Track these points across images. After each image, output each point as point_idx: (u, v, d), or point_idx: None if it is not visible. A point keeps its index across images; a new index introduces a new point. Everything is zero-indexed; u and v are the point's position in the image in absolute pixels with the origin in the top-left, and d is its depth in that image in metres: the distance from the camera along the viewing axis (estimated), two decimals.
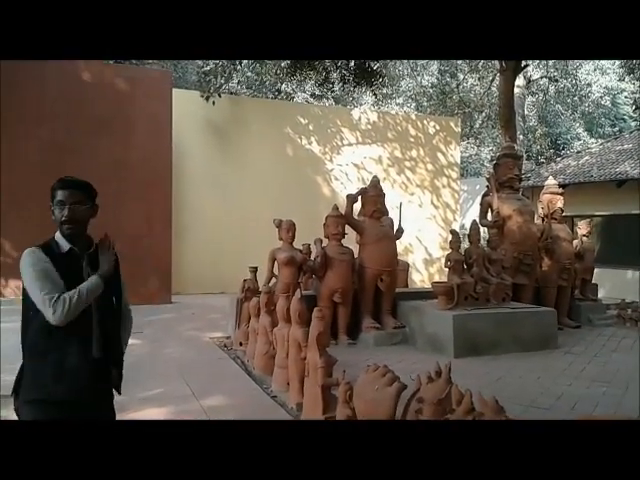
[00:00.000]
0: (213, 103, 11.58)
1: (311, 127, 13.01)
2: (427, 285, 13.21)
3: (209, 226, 11.79)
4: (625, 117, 30.47)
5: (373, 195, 7.15)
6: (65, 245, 2.23)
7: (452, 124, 14.47)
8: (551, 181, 8.84)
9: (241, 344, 6.31)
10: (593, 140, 27.49)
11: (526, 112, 21.05)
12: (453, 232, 7.19)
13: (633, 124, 30.32)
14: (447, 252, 13.67)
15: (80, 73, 9.70)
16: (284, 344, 4.72)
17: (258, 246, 11.49)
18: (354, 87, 12.12)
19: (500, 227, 7.95)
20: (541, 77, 18.41)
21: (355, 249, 7.09)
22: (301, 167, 12.84)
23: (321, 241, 6.83)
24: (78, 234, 2.25)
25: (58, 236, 2.25)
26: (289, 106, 13.03)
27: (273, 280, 6.67)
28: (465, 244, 7.62)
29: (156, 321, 8.09)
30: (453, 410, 2.57)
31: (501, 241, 7.80)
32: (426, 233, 13.80)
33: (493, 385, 4.91)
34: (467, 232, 7.45)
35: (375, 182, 7.30)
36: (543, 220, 8.43)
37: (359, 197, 7.15)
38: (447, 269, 6.91)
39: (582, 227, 8.80)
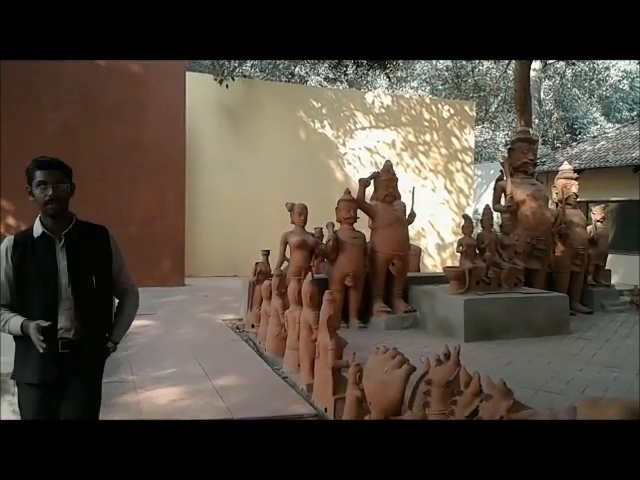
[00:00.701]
0: (227, 86, 11.56)
1: (324, 111, 12.95)
2: (439, 270, 13.20)
3: (222, 209, 11.85)
4: None
5: (385, 179, 7.13)
6: (38, 229, 2.26)
7: (467, 108, 14.30)
8: (566, 166, 8.74)
9: (253, 326, 6.39)
10: (610, 125, 27.03)
11: (542, 96, 20.72)
12: (466, 217, 7.16)
13: None
14: (459, 237, 13.61)
15: (96, 60, 9.72)
16: (295, 326, 4.77)
17: (270, 229, 11.53)
18: (368, 70, 12.00)
19: (513, 212, 7.90)
20: (558, 60, 18.08)
21: (367, 233, 7.09)
22: (314, 151, 12.82)
23: (333, 225, 6.84)
24: (61, 212, 2.27)
25: (37, 220, 2.28)
26: (302, 89, 12.97)
27: (285, 263, 6.71)
28: (478, 229, 7.59)
29: (169, 303, 8.20)
30: (461, 392, 2.60)
31: (514, 226, 7.75)
32: (439, 218, 13.74)
33: (503, 369, 4.94)
34: (480, 217, 7.41)
35: (388, 166, 7.28)
36: (557, 205, 8.37)
37: (371, 181, 7.14)
38: (459, 254, 6.91)
39: (596, 213, 8.71)
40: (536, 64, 14.71)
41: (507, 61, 20.93)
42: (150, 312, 7.11)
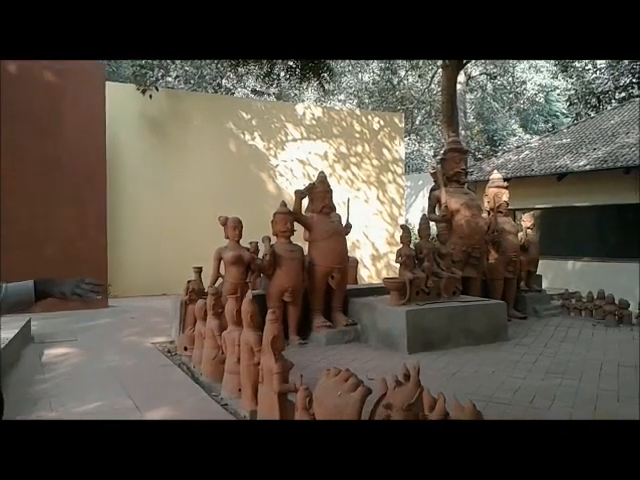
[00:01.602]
0: (150, 97, 11.03)
1: (254, 122, 12.67)
2: (375, 281, 13.20)
3: (149, 226, 11.25)
4: (557, 114, 31.84)
5: (321, 190, 6.95)
6: None
7: (396, 119, 14.50)
8: (496, 175, 8.93)
9: (186, 349, 5.95)
10: (528, 136, 28.54)
11: (466, 109, 21.50)
12: (404, 227, 7.09)
13: (565, 120, 31.76)
14: (393, 247, 13.63)
15: (6, 66, 8.94)
16: (234, 348, 4.44)
17: (202, 245, 11.08)
18: (300, 80, 11.85)
19: (448, 221, 7.94)
20: (480, 74, 18.82)
21: (303, 246, 6.87)
22: (245, 163, 12.49)
23: (269, 239, 6.56)
24: None
25: None
26: (230, 101, 12.63)
27: (219, 280, 6.35)
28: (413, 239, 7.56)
29: (92, 327, 7.57)
30: (425, 416, 2.39)
31: (450, 235, 7.79)
32: (372, 229, 13.76)
33: (450, 381, 4.82)
34: (412, 227, 7.39)
35: (323, 177, 7.12)
36: (489, 213, 8.50)
37: (307, 193, 6.94)
38: (398, 264, 6.81)
39: (526, 220, 8.94)
40: (461, 77, 15.17)
41: (431, 75, 21.61)
42: (70, 338, 6.51)
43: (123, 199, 10.93)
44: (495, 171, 9.56)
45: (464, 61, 11.91)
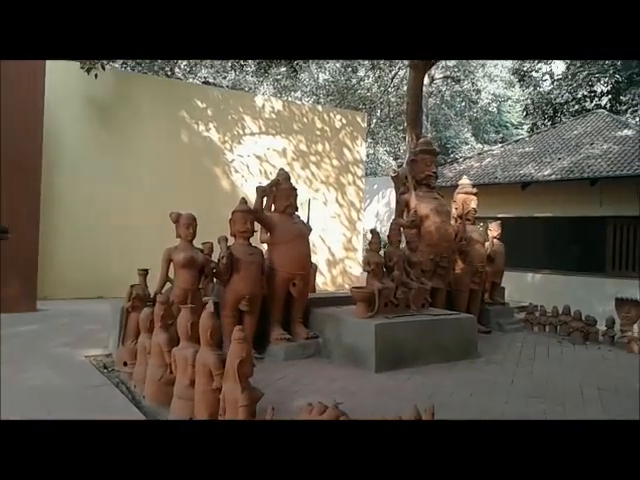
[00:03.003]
0: (95, 76, 9.98)
1: (209, 112, 11.83)
2: (330, 288, 12.65)
3: (87, 221, 10.24)
4: (507, 124, 32.45)
5: (286, 188, 6.37)
6: None
7: (359, 119, 13.99)
8: (465, 180, 8.58)
9: (126, 364, 5.18)
10: (480, 145, 28.88)
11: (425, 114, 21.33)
12: (373, 232, 6.58)
13: (514, 131, 32.41)
14: (350, 253, 13.14)
15: None
16: (187, 369, 3.77)
17: (147, 244, 10.21)
18: (265, 70, 11.12)
19: (417, 227, 7.49)
20: (444, 77, 18.64)
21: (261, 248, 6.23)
22: (198, 156, 11.64)
23: (226, 239, 5.86)
24: None
25: None
26: (185, 87, 11.54)
27: (168, 285, 5.61)
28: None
29: (15, 335, 6.59)
30: None
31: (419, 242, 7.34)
32: (330, 233, 13.16)
33: (428, 405, 4.32)
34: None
35: (286, 175, 6.54)
36: (456, 221, 8.13)
37: (270, 190, 6.31)
38: (367, 272, 6.29)
39: (493, 229, 8.64)
40: (425, 80, 14.86)
41: (390, 77, 21.33)
42: None
43: (60, 190, 9.89)
44: (464, 177, 9.21)
45: (432, 61, 11.55)
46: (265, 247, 6.46)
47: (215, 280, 6.11)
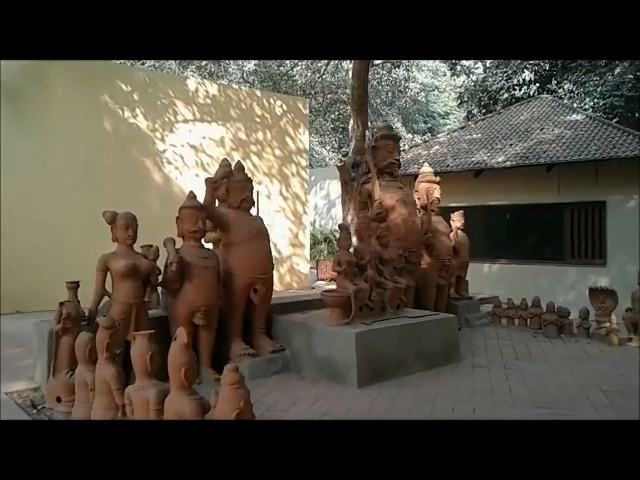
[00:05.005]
0: None
1: (135, 96, 10.56)
2: (278, 288, 11.76)
3: None
4: (435, 114, 32.76)
5: (241, 179, 5.54)
6: None
7: (300, 105, 13.12)
8: (427, 168, 8.02)
9: (60, 400, 4.14)
10: (410, 135, 28.87)
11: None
12: (342, 227, 5.84)
13: (441, 121, 32.77)
14: (297, 249, 12.29)
15: None
16: (149, 415, 2.88)
17: (72, 247, 8.94)
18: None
19: (383, 220, 6.81)
20: (384, 62, 18.11)
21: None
22: (124, 146, 10.35)
23: (174, 242, 4.92)
24: None
25: None
26: (106, 67, 10.07)
27: (105, 299, 4.60)
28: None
29: None
30: None
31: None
32: (275, 228, 12.21)
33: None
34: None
35: (240, 165, 5.71)
36: (420, 212, 7.56)
37: (222, 182, 5.44)
38: (337, 273, 5.54)
39: (456, 219, 8.15)
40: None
41: (325, 66, 20.62)
42: None
43: None
44: (426, 164, 8.67)
45: None
46: (211, 247, 5.61)
47: (161, 290, 5.17)
